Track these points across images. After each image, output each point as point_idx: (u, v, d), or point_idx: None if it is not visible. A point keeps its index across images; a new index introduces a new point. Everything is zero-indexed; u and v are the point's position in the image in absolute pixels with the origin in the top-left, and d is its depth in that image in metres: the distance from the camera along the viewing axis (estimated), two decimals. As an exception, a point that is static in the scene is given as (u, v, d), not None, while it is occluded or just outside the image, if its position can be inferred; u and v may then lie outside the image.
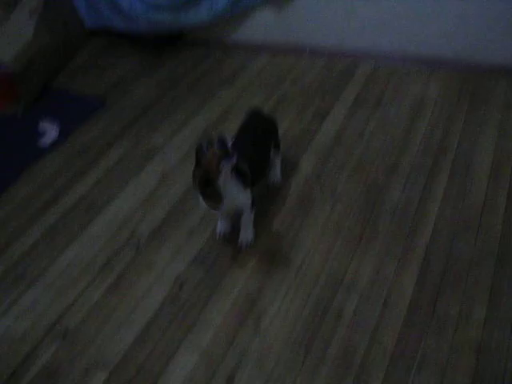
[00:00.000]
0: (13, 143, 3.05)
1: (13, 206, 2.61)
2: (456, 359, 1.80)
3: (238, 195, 2.03)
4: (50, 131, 3.07)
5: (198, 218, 2.42)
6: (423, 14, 3.20)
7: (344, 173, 2.61)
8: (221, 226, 2.29)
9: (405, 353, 1.84)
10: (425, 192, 2.44)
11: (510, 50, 3.11)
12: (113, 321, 2.03)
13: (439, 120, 2.88)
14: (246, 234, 2.25)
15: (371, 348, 1.86)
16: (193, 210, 2.46)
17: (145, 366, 1.86)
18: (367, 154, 2.72)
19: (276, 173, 2.53)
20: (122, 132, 3.06)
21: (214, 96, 3.32)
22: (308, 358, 1.84)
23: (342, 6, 3.37)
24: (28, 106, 3.30)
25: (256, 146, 2.22)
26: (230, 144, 1.84)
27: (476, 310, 1.94)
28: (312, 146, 2.81)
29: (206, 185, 1.86)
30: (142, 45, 3.90)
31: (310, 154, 2.76)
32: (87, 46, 4.04)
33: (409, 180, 2.52)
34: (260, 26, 3.67)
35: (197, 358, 1.86)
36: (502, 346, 1.82)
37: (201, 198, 2.00)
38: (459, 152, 2.64)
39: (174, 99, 3.32)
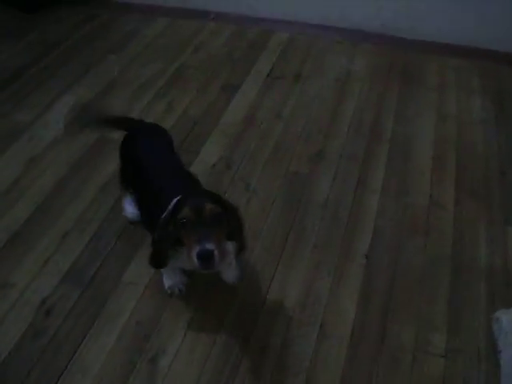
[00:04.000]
0: None
1: None
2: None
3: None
4: None
5: (74, 216, 1.98)
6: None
7: (260, 160, 2.21)
8: (175, 280, 1.67)
9: (352, 400, 1.42)
10: (359, 185, 2.05)
11: (439, 24, 2.83)
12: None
13: (369, 99, 2.53)
14: (235, 271, 1.68)
15: (307, 396, 1.44)
16: (67, 205, 2.00)
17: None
18: (287, 138, 2.32)
19: None
20: (-21, 105, 2.56)
21: (99, 64, 2.86)
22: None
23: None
24: None
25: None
26: None
27: (434, 335, 1.56)
28: (220, 126, 2.39)
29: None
30: None
31: (217, 137, 2.33)
32: None
33: (339, 170, 2.11)
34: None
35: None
36: (470, 380, 1.47)
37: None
38: (395, 137, 2.31)
39: (48, 67, 2.85)
